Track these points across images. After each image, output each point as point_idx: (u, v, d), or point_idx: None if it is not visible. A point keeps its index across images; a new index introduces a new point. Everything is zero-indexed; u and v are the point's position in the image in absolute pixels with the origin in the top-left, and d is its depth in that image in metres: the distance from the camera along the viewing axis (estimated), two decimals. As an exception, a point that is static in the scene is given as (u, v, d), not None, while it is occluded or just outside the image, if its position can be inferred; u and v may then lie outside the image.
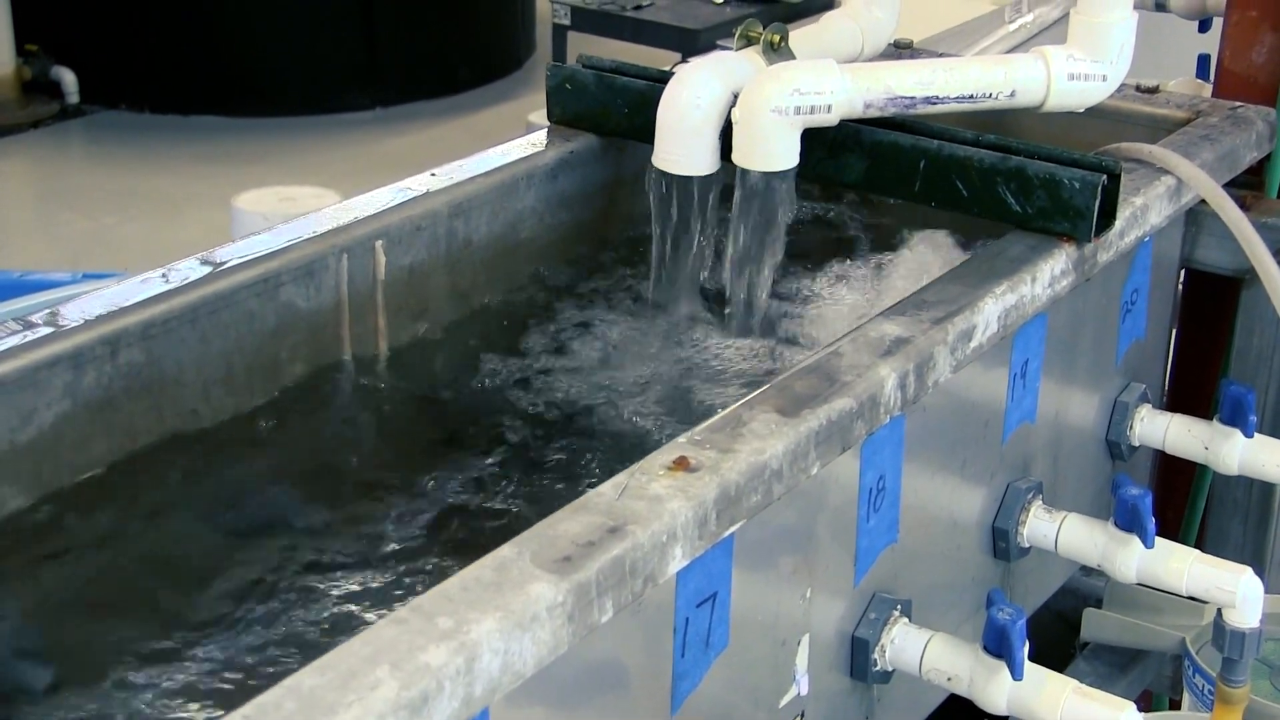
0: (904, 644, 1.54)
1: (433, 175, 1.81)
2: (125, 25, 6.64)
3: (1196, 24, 2.57)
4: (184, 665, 1.31)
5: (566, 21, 5.84)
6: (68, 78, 6.64)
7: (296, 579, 1.42)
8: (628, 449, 1.59)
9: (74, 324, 1.47)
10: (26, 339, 1.44)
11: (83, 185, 6.19)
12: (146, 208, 5.87)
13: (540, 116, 2.01)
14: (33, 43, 6.61)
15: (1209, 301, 2.15)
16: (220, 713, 1.25)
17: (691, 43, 5.47)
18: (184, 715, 1.27)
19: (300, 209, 1.64)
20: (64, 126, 6.61)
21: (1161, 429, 1.94)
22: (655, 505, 1.20)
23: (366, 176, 1.76)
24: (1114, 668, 1.95)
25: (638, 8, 5.69)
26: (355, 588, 1.41)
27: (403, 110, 6.74)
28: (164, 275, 1.57)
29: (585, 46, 5.42)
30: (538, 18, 7.46)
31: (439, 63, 6.90)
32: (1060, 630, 2.00)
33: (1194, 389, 2.18)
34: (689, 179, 1.74)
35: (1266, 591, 1.69)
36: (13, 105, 6.54)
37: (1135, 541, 1.67)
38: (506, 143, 1.93)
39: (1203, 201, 1.90)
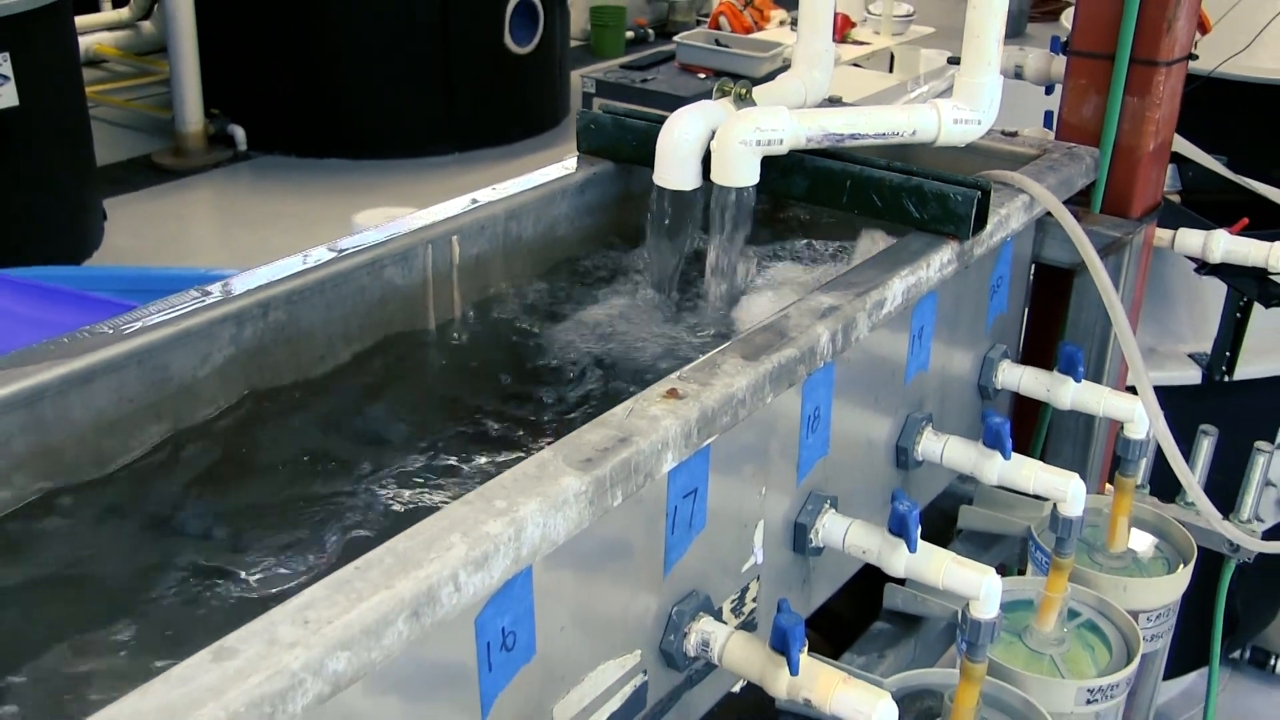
0: (832, 528, 1.52)
1: (494, 190, 1.78)
2: (280, 95, 6.63)
3: (1044, 88, 2.55)
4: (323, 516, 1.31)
5: (593, 90, 5.79)
6: (239, 132, 6.62)
7: (394, 469, 1.40)
8: (630, 379, 1.57)
9: (238, 292, 1.45)
10: (205, 302, 1.43)
11: (248, 209, 6.17)
12: (293, 224, 5.84)
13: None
14: (215, 107, 6.61)
15: (1052, 286, 2.12)
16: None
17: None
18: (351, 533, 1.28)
19: (401, 223, 1.68)
20: (236, 167, 6.59)
21: (1017, 377, 1.92)
22: (653, 423, 1.18)
23: (446, 201, 1.75)
24: (980, 547, 1.93)
25: (644, 81, 5.65)
26: (436, 475, 1.38)
27: (472, 155, 6.72)
28: (303, 258, 1.55)
29: (605, 109, 5.37)
30: (572, 88, 7.42)
31: (499, 121, 6.89)
32: (942, 521, 1.98)
33: (1040, 349, 2.15)
34: (679, 192, 1.71)
35: (1088, 492, 1.67)
36: (200, 152, 6.53)
37: (997, 456, 1.65)
38: (547, 168, 1.90)
39: (1048, 213, 1.87)
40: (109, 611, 1.15)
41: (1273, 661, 3.35)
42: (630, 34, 8.87)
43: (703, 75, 5.94)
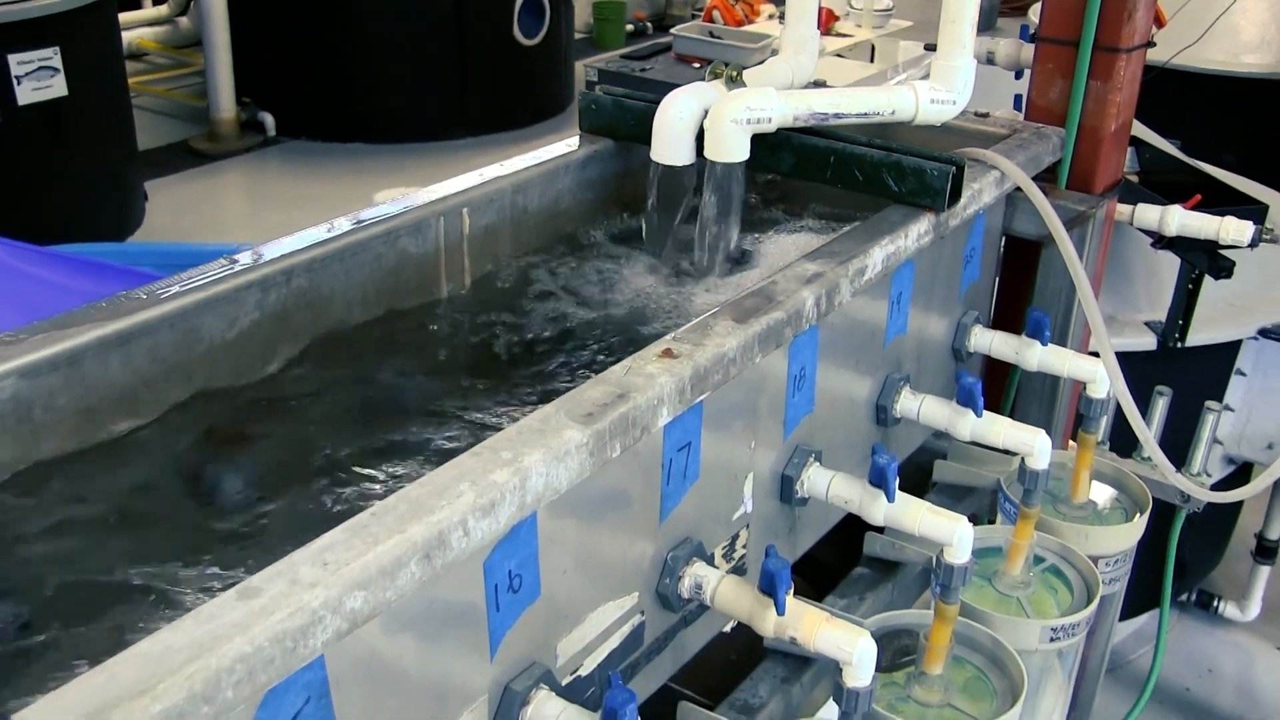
0: (816, 480, 1.50)
1: (501, 166, 1.75)
2: (306, 85, 6.57)
3: (1014, 73, 2.52)
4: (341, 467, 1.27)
5: (595, 79, 5.71)
6: (268, 119, 6.57)
7: (406, 425, 1.37)
8: (628, 339, 1.54)
9: (263, 260, 1.42)
10: (233, 269, 1.40)
11: (276, 190, 6.12)
12: (318, 205, 5.79)
13: (574, 140, 1.94)
14: (247, 96, 6.55)
15: (1021, 256, 2.09)
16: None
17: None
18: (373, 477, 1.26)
19: (418, 201, 1.66)
20: (265, 152, 6.53)
21: (988, 341, 1.90)
22: (650, 380, 1.16)
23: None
24: (953, 499, 1.91)
25: (643, 70, 5.59)
26: (446, 430, 1.36)
27: (484, 139, 6.66)
28: (327, 229, 1.52)
29: (606, 97, 5.31)
30: (576, 77, 7.36)
31: (509, 108, 6.83)
32: (918, 474, 1.96)
33: (1010, 315, 2.12)
34: (675, 167, 1.68)
35: (1053, 447, 1.65)
36: (232, 137, 6.47)
37: (970, 414, 1.63)
38: (551, 145, 1.86)
39: (1018, 188, 1.84)
40: (134, 559, 1.13)
41: (1216, 604, 3.35)
42: (630, 27, 8.81)
43: (697, 65, 5.87)
